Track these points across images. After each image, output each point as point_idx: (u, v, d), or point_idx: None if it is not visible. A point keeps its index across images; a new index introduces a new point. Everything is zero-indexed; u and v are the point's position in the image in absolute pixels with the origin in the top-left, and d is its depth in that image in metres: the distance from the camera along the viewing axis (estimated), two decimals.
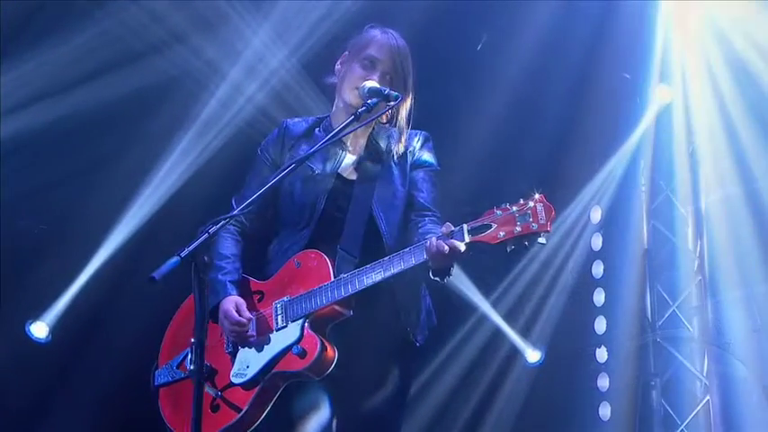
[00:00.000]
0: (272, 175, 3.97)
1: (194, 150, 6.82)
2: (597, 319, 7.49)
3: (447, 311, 5.80)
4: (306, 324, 3.95)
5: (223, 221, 3.55)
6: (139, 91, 6.56)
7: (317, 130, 4.34)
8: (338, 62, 4.39)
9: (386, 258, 3.87)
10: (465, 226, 3.76)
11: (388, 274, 3.85)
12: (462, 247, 3.74)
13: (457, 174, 6.72)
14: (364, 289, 3.88)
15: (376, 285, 3.88)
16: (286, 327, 3.98)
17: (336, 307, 3.93)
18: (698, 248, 7.18)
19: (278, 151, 4.31)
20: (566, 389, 7.48)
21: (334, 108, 4.38)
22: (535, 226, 3.65)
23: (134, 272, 6.60)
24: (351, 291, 3.89)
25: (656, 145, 7.23)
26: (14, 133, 6.52)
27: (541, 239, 3.72)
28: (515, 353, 7.76)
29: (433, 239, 3.77)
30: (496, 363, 7.80)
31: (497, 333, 7.70)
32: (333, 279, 3.94)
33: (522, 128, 7.14)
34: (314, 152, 3.98)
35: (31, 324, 6.93)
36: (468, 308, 7.47)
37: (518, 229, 3.66)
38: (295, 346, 3.91)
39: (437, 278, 3.93)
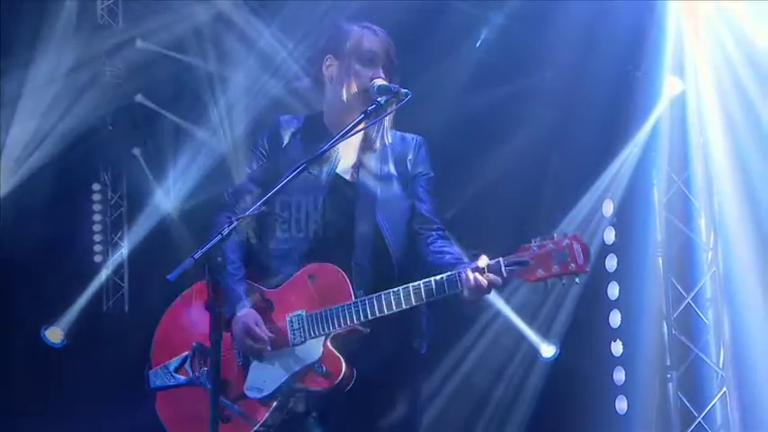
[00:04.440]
0: (264, 172, 4.01)
1: (205, 152, 6.83)
2: (612, 313, 7.45)
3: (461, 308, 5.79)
4: (327, 342, 3.89)
5: (236, 222, 3.52)
6: (157, 92, 6.59)
7: (310, 127, 4.22)
8: (324, 65, 4.24)
9: (414, 285, 3.80)
10: (502, 261, 3.76)
11: (418, 302, 3.82)
12: (500, 282, 3.75)
13: (467, 170, 6.71)
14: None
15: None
16: (304, 343, 3.92)
17: (358, 326, 3.89)
18: (711, 240, 7.14)
19: (273, 148, 4.19)
20: (581, 383, 7.45)
21: (325, 107, 4.26)
22: (573, 266, 3.66)
23: (148, 275, 6.61)
24: (377, 314, 3.84)
25: (668, 137, 7.18)
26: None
27: (577, 279, 3.71)
28: (530, 348, 7.74)
29: (470, 273, 3.74)
30: (511, 359, 7.78)
31: (511, 329, 7.68)
32: (353, 299, 3.88)
33: (532, 123, 7.12)
34: (325, 151, 3.87)
35: (46, 329, 6.95)
36: (480, 304, 7.45)
37: (556, 268, 3.67)
38: (317, 365, 3.87)
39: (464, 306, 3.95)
